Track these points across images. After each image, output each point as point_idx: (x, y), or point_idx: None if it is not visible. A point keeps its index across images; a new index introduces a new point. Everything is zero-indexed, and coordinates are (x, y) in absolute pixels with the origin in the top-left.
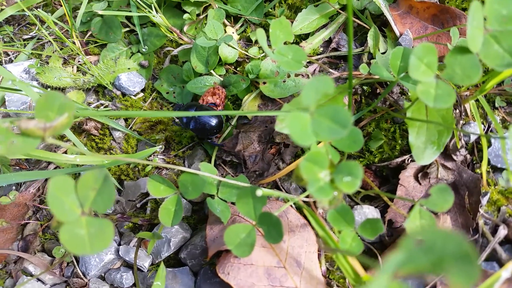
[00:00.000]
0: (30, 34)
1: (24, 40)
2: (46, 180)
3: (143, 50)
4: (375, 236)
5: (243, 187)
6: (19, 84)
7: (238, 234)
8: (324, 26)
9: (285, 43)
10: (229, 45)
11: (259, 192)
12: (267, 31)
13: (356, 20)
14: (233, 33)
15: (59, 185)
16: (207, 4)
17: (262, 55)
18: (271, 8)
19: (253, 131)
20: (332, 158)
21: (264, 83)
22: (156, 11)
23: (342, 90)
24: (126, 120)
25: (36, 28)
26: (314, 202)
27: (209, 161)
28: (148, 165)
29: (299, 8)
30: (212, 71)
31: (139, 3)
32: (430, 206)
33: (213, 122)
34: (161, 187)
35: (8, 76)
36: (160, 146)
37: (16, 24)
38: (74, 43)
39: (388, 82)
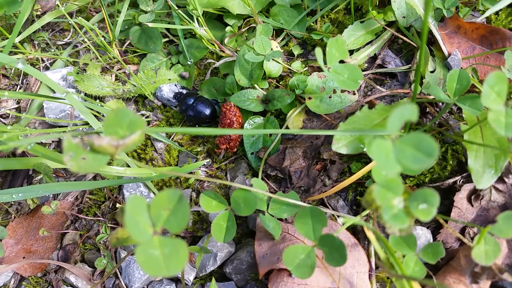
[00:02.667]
0: (64, 40)
1: (58, 46)
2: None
3: (188, 63)
4: (436, 259)
5: (303, 207)
6: (68, 97)
7: (297, 255)
8: (369, 42)
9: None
10: (273, 60)
11: (341, 219)
12: (308, 45)
13: (402, 37)
14: (276, 47)
15: (134, 205)
16: (248, 17)
17: (304, 69)
18: (313, 23)
19: (299, 147)
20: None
21: (310, 98)
22: (200, 24)
23: None
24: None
25: (70, 35)
26: (365, 221)
27: (253, 175)
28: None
29: (341, 23)
30: (255, 84)
31: (182, 15)
32: (496, 232)
33: (207, 112)
34: (213, 202)
35: (56, 87)
36: (208, 160)
37: (50, 30)
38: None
39: (441, 103)
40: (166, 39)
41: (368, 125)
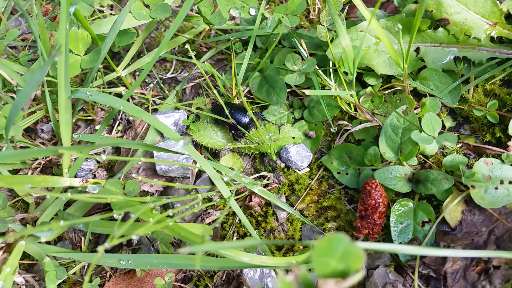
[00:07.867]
0: (167, 74)
1: (162, 80)
2: None
3: (332, 130)
4: None
5: None
6: (219, 184)
7: None
8: None
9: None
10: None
11: None
12: (458, 115)
13: None
14: None
15: None
16: (389, 77)
17: (458, 146)
18: (465, 91)
19: (459, 244)
20: None
21: (473, 186)
22: (343, 87)
23: None
24: (287, 198)
25: (173, 68)
26: None
27: (395, 268)
28: None
29: (496, 95)
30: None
31: (321, 74)
32: None
33: (245, 120)
34: None
35: (202, 162)
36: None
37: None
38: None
39: None
40: (289, 89)
41: None
